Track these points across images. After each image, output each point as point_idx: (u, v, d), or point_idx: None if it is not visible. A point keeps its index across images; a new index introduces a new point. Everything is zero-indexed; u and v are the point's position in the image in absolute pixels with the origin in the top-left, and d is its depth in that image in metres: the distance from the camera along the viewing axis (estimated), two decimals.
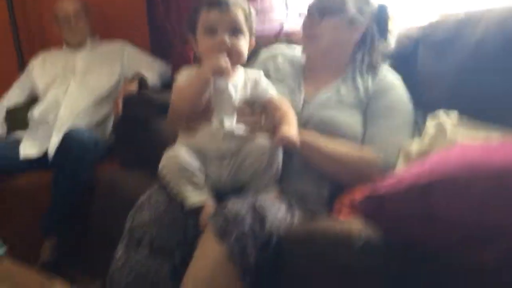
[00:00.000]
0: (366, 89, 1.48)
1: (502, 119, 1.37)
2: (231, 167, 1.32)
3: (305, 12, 1.54)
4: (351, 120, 1.44)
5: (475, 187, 0.95)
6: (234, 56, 1.31)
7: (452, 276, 1.00)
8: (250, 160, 1.30)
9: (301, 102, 1.49)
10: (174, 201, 1.28)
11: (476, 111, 1.42)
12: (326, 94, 1.49)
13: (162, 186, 1.32)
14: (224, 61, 1.26)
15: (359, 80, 1.49)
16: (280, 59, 1.61)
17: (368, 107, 1.46)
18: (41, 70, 2.45)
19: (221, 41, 1.29)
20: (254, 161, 1.30)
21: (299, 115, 1.42)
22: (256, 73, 1.41)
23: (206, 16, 1.32)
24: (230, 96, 1.33)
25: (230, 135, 1.32)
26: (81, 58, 2.41)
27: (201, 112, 1.32)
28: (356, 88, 1.48)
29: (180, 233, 1.21)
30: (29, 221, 2.08)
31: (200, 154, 1.32)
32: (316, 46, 1.51)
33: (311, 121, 1.43)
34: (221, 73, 1.26)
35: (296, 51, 1.64)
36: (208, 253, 1.12)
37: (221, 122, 1.31)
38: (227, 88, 1.32)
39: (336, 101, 1.46)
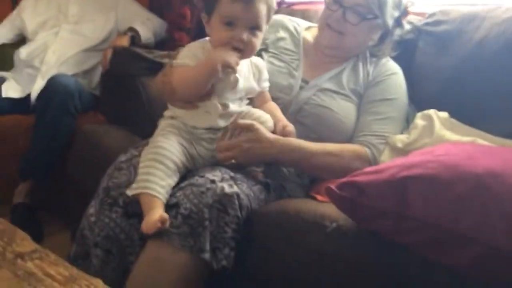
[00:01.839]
0: (366, 76, 1.46)
1: (494, 122, 1.37)
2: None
3: (335, 2, 1.44)
4: (346, 108, 1.42)
5: (454, 190, 0.95)
6: (247, 52, 1.27)
7: (423, 271, 0.99)
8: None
9: (299, 82, 1.45)
10: None
11: (469, 111, 1.40)
12: (327, 79, 1.46)
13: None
14: (235, 61, 1.22)
15: (361, 68, 1.47)
16: (281, 32, 1.56)
17: (365, 93, 1.45)
18: (33, 10, 2.35)
19: (239, 39, 1.24)
20: None
21: (295, 98, 1.41)
22: (260, 61, 1.39)
23: (228, 7, 1.23)
24: (236, 82, 1.29)
25: (227, 115, 1.29)
26: (74, 3, 2.31)
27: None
28: (356, 75, 1.47)
29: None
30: (7, 163, 2.05)
31: (190, 133, 1.28)
32: (338, 41, 1.46)
33: (309, 103, 1.41)
34: (228, 69, 1.23)
35: (297, 25, 1.59)
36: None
37: (224, 105, 1.28)
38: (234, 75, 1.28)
39: (335, 88, 1.44)
